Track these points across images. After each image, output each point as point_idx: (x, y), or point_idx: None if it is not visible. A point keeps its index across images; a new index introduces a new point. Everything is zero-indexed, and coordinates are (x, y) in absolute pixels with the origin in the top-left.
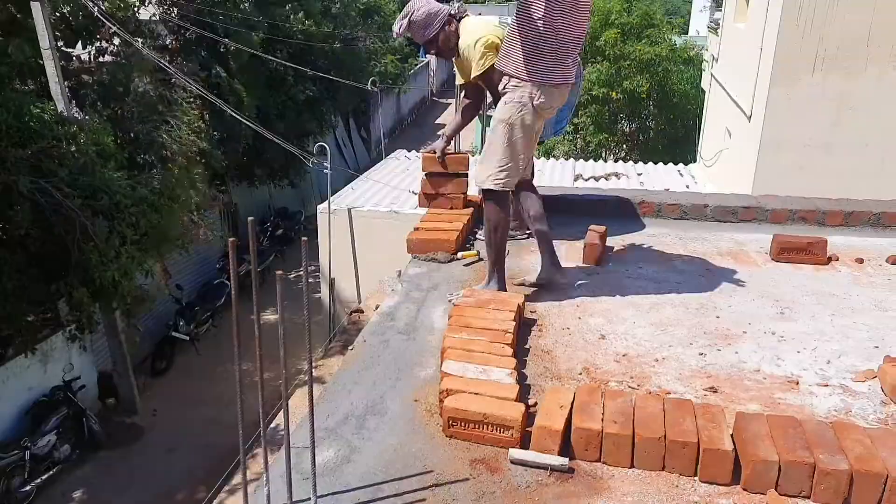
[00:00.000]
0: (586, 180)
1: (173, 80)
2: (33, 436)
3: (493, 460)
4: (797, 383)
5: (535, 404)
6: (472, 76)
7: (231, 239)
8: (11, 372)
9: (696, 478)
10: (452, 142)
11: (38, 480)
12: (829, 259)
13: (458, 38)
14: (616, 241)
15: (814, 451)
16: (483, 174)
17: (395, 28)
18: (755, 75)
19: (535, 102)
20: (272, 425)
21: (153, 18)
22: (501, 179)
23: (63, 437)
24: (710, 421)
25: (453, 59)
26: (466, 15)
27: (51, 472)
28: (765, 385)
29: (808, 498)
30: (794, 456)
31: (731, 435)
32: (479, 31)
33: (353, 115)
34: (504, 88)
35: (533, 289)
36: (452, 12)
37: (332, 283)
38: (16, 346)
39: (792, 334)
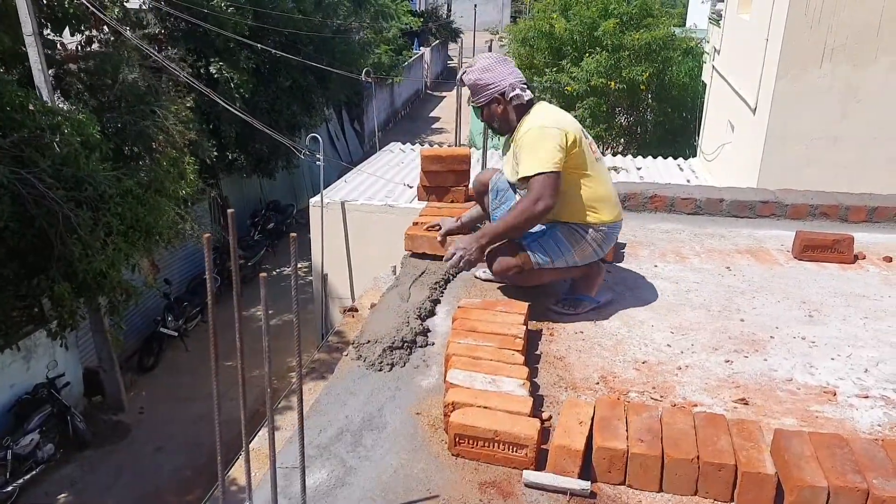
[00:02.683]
0: None
1: (162, 70)
2: (15, 434)
3: (505, 483)
4: (834, 394)
5: (550, 418)
6: (535, 172)
7: (206, 235)
8: None
9: None
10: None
11: (21, 480)
12: (856, 257)
13: (508, 121)
14: (628, 238)
15: (866, 474)
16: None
17: (458, 76)
18: (760, 67)
19: None
20: (253, 445)
21: (142, 7)
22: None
23: (47, 436)
24: (747, 439)
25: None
26: (528, 104)
27: (34, 472)
28: (799, 396)
29: None
30: (844, 481)
31: (771, 455)
32: (559, 122)
33: (345, 108)
34: None
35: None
36: (507, 93)
37: (324, 279)
38: None
39: (823, 339)
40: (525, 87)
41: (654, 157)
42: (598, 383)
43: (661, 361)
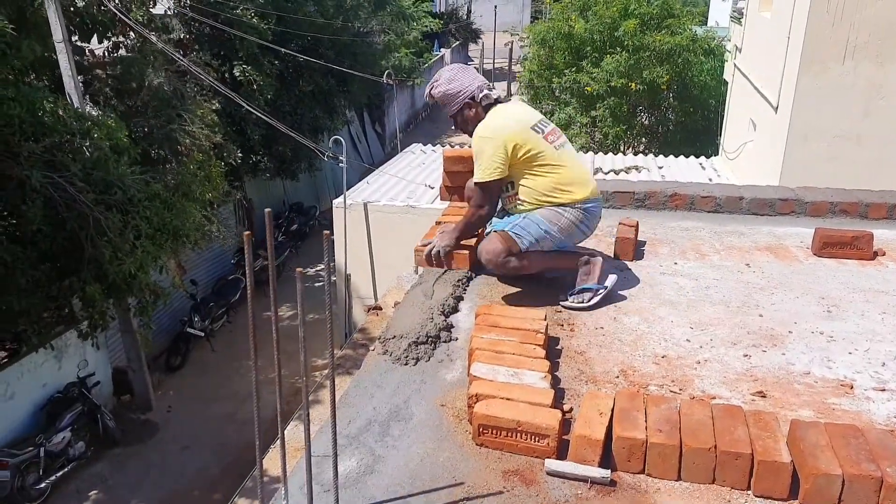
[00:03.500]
0: (606, 174)
1: (187, 74)
2: (48, 432)
3: (527, 471)
4: (851, 387)
5: (571, 410)
6: (481, 181)
7: (246, 232)
8: (26, 368)
9: (750, 492)
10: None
11: (53, 477)
12: (875, 254)
13: (475, 124)
14: (648, 236)
15: (880, 463)
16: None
17: (425, 93)
18: (782, 65)
19: None
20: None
21: (167, 12)
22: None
23: (78, 434)
24: (764, 430)
25: None
26: (495, 103)
27: (65, 469)
28: (816, 389)
29: None
30: (858, 469)
31: (787, 444)
32: (501, 127)
33: (367, 110)
34: None
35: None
36: (476, 96)
37: (347, 279)
38: (30, 343)
39: (842, 334)
40: (490, 88)
41: (676, 157)
42: (618, 377)
43: (680, 356)
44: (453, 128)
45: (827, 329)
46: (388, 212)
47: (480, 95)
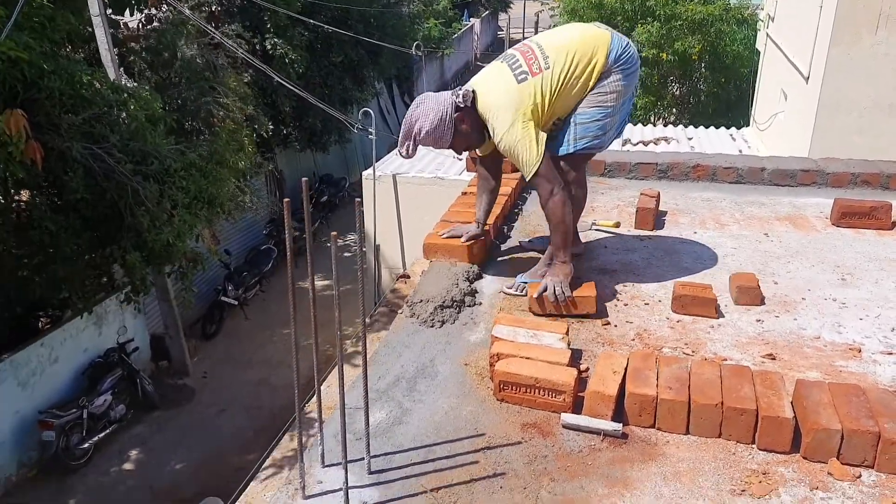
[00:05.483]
0: (634, 145)
1: (219, 46)
2: (90, 395)
3: (544, 424)
4: (859, 351)
5: (587, 369)
6: (536, 166)
7: (286, 199)
8: (68, 334)
9: (754, 445)
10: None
11: (96, 438)
12: (894, 224)
13: (479, 123)
14: (669, 206)
15: (878, 419)
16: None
17: (402, 152)
18: (814, 34)
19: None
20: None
21: None
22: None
23: (118, 397)
24: (769, 388)
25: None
26: (474, 94)
27: (107, 431)
28: (825, 352)
29: (871, 468)
30: (857, 424)
31: (791, 402)
32: (508, 110)
33: (396, 82)
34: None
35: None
36: (459, 103)
37: (377, 249)
38: (75, 308)
39: (854, 301)
40: (458, 89)
41: (707, 128)
42: (633, 340)
43: (694, 320)
44: (458, 157)
45: (840, 296)
46: (417, 183)
47: (459, 100)
